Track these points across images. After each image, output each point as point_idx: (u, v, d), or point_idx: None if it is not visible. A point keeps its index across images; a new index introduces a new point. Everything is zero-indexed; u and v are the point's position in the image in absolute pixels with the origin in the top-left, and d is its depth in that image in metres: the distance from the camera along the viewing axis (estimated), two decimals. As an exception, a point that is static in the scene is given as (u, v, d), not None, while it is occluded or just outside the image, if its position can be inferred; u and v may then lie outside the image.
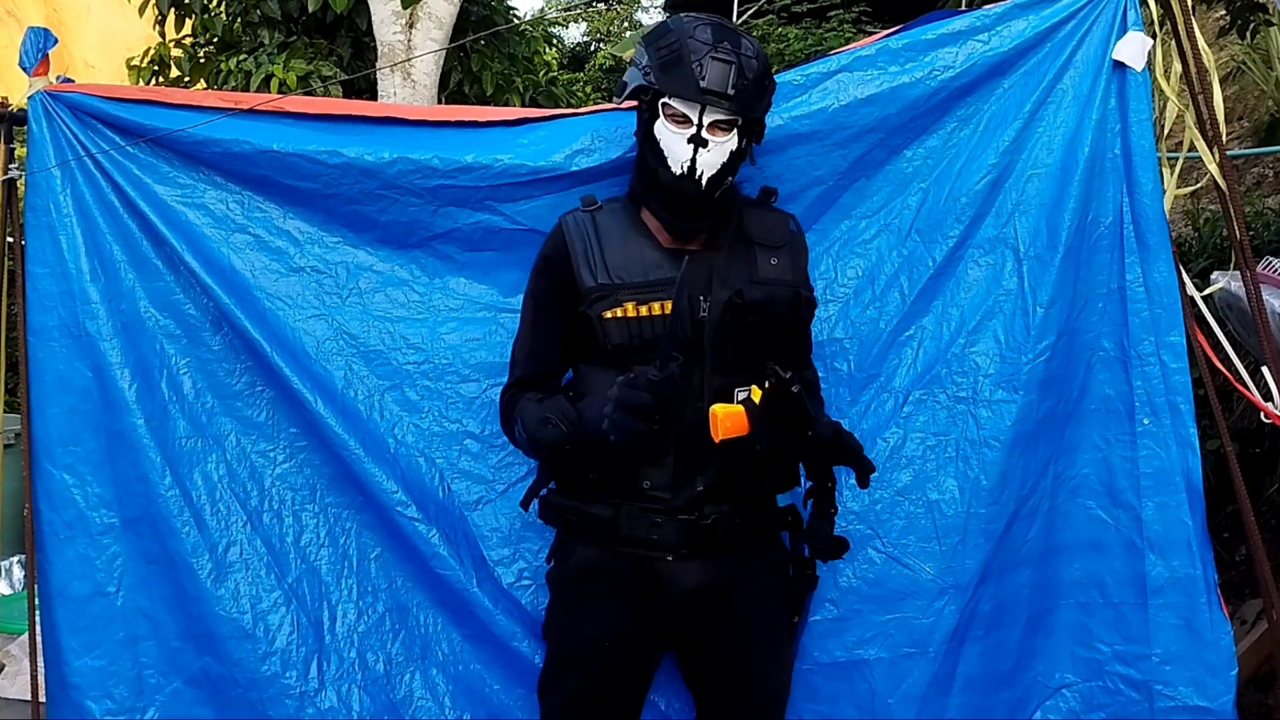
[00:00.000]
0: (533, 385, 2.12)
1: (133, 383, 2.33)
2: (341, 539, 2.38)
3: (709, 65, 1.92)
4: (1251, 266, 2.39)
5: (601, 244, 2.04)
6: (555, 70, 8.31)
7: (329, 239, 2.42)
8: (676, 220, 2.02)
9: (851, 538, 2.25)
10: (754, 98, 1.98)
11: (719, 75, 1.92)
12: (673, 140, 1.98)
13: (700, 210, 2.02)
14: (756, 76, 1.97)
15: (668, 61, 1.96)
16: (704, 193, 1.99)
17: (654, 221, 2.07)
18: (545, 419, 1.99)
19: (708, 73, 1.92)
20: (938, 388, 2.31)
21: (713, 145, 1.97)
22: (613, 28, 15.24)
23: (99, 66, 12.72)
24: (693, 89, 1.93)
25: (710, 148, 1.97)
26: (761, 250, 2.06)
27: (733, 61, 1.93)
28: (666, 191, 2.01)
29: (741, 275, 2.03)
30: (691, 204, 2.01)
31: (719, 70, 1.92)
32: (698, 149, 1.96)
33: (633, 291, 2.00)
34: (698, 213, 2.02)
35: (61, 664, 2.31)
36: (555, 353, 2.13)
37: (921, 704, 2.26)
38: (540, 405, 2.03)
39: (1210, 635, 2.27)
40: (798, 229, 2.14)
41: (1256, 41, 5.75)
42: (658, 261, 2.02)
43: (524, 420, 2.04)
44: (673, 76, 1.95)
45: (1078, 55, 2.33)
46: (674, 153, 1.98)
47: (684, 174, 1.98)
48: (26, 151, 2.38)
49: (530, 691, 2.30)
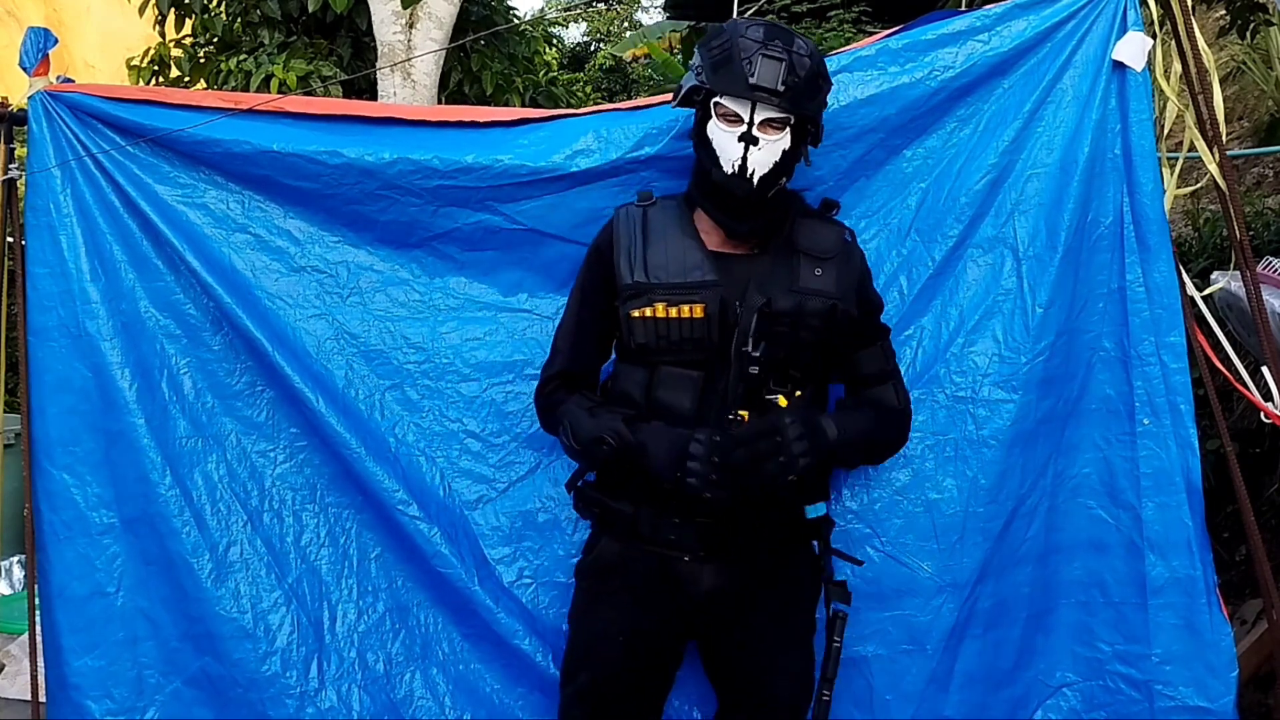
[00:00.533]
0: (572, 379, 2.13)
1: (133, 383, 2.34)
2: (342, 538, 2.39)
3: (759, 62, 1.93)
4: (1251, 266, 2.39)
5: (646, 240, 2.05)
6: (555, 70, 8.32)
7: (329, 239, 2.42)
8: (729, 220, 2.03)
9: (850, 536, 2.27)
10: (805, 95, 1.97)
11: (769, 72, 1.93)
12: (724, 139, 1.98)
13: (753, 210, 2.03)
14: (809, 74, 1.97)
15: (719, 60, 1.97)
16: (756, 191, 1.99)
17: (705, 223, 2.08)
18: (600, 439, 1.97)
19: (758, 69, 1.93)
20: (936, 387, 2.31)
21: (764, 143, 1.97)
22: (613, 28, 15.25)
23: (99, 66, 12.72)
24: (742, 85, 1.94)
25: (761, 146, 1.97)
26: (806, 260, 2.05)
27: (783, 59, 1.94)
28: (719, 190, 2.02)
29: (781, 283, 2.02)
30: (743, 203, 2.01)
31: (769, 67, 1.93)
32: (749, 147, 1.97)
33: (666, 292, 2.00)
34: (750, 212, 2.03)
35: (61, 664, 2.31)
36: (598, 346, 2.14)
37: (920, 701, 2.26)
38: (594, 419, 2.01)
39: (1210, 635, 2.27)
40: (853, 241, 2.13)
41: (1256, 41, 5.75)
42: (698, 263, 2.02)
43: (575, 430, 2.02)
44: (723, 74, 1.96)
45: (1078, 55, 2.33)
46: (725, 151, 1.98)
47: (735, 173, 1.98)
48: (26, 151, 2.38)
49: (531, 690, 2.31)
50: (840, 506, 2.29)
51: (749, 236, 2.05)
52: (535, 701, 2.32)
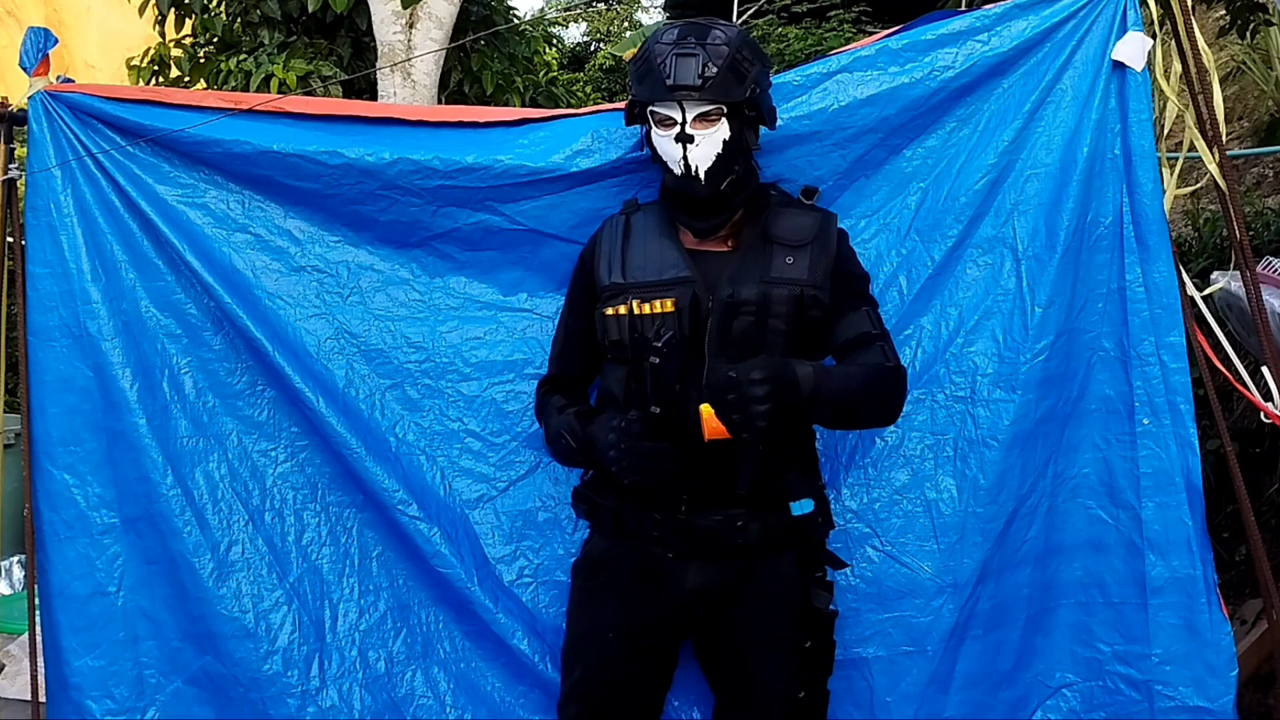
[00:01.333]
0: (561, 383, 2.21)
1: (134, 382, 2.34)
2: (343, 538, 2.39)
3: (673, 63, 1.97)
4: (1251, 266, 2.39)
5: (627, 244, 2.10)
6: (555, 70, 8.31)
7: (330, 238, 2.42)
8: (692, 220, 2.08)
9: (850, 536, 2.27)
10: (727, 83, 1.99)
11: (685, 70, 1.97)
12: (665, 143, 2.03)
13: (711, 207, 2.05)
14: (727, 61, 1.98)
15: (641, 71, 2.02)
16: (706, 187, 2.02)
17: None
18: (558, 435, 2.08)
19: (673, 70, 1.97)
20: (936, 387, 2.31)
21: (700, 139, 2.00)
22: (613, 28, 15.24)
23: (99, 66, 12.73)
24: (662, 89, 1.98)
25: (699, 142, 2.00)
26: (780, 249, 2.06)
27: (696, 54, 1.97)
28: (676, 194, 2.07)
29: (754, 274, 2.04)
30: (700, 202, 2.05)
31: (684, 65, 1.97)
32: (685, 145, 2.00)
33: (640, 290, 2.03)
34: (709, 209, 2.06)
35: (62, 664, 2.32)
36: (581, 353, 2.18)
37: (920, 702, 2.26)
38: (560, 418, 2.11)
39: (1210, 635, 2.27)
40: (830, 226, 2.11)
41: (1256, 41, 5.75)
42: (673, 261, 2.06)
43: (546, 428, 2.16)
44: (646, 83, 2.01)
45: (1077, 55, 2.33)
46: (669, 154, 2.03)
47: (683, 173, 2.02)
48: (26, 151, 2.38)
49: (531, 688, 2.31)
50: (840, 506, 2.29)
51: (712, 232, 2.08)
52: (536, 700, 2.32)
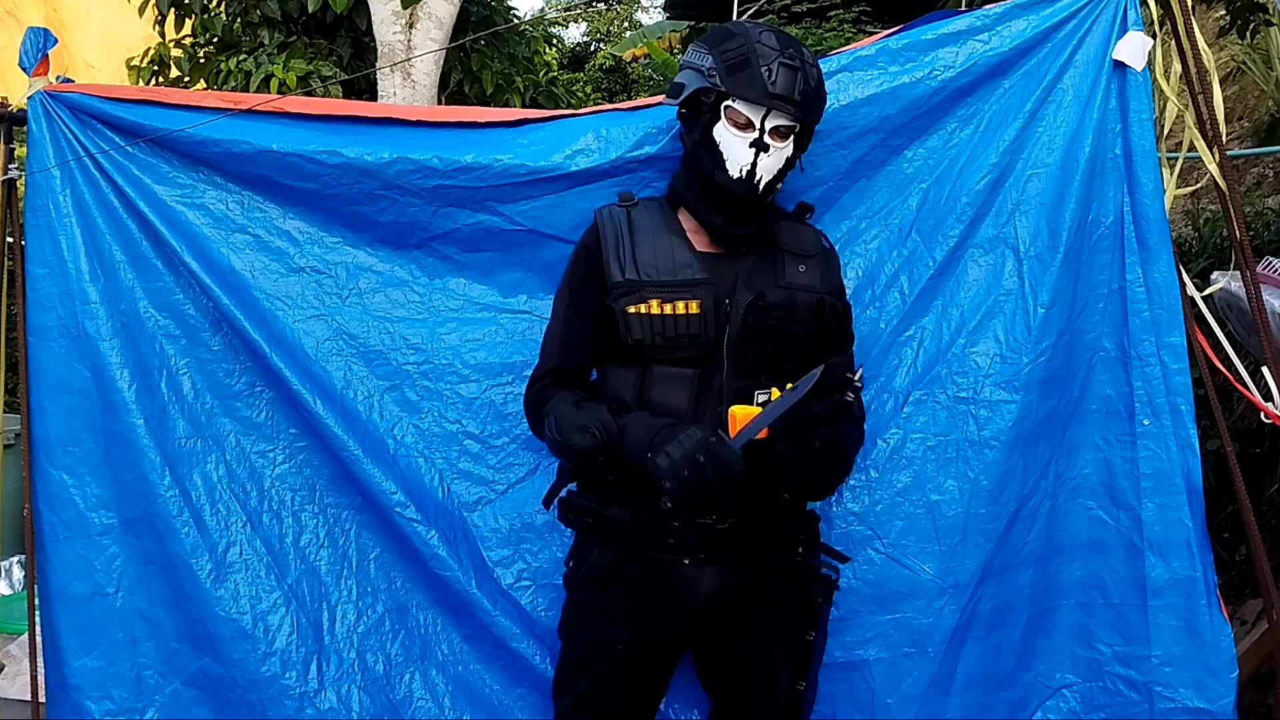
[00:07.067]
0: (563, 376, 2.09)
1: (132, 383, 2.33)
2: (341, 540, 2.39)
3: (778, 70, 1.95)
4: (1251, 266, 2.39)
5: (634, 239, 2.06)
6: (555, 70, 8.31)
7: (329, 239, 2.42)
8: (728, 224, 2.04)
9: (851, 538, 2.27)
10: (815, 105, 2.02)
11: (787, 80, 1.95)
12: (734, 144, 1.99)
13: (752, 214, 2.05)
14: (818, 85, 2.01)
15: (735, 64, 1.97)
16: (759, 197, 2.02)
17: (691, 223, 2.08)
18: (584, 427, 1.93)
19: (777, 77, 1.95)
20: (938, 388, 2.30)
21: (773, 150, 1.99)
22: (613, 28, 15.26)
23: (99, 66, 12.72)
24: (760, 92, 1.95)
25: (771, 153, 1.99)
26: (790, 258, 2.07)
27: (799, 68, 1.96)
28: (721, 193, 2.02)
29: (768, 279, 2.04)
30: (746, 207, 2.03)
31: (787, 75, 1.95)
32: (759, 153, 1.98)
33: (658, 289, 2.00)
34: (750, 216, 2.05)
35: (61, 664, 2.31)
36: (587, 344, 2.10)
37: (921, 704, 2.26)
38: (579, 411, 1.97)
39: (1210, 637, 2.27)
40: (830, 246, 2.16)
41: (1256, 41, 5.75)
42: (687, 262, 2.03)
43: (558, 421, 1.98)
44: (740, 79, 1.96)
45: (1078, 55, 2.33)
46: (734, 156, 1.99)
47: (742, 177, 1.99)
48: (26, 151, 2.38)
49: (530, 691, 2.31)
50: (841, 508, 2.29)
51: (745, 242, 2.05)
52: (534, 703, 2.31)
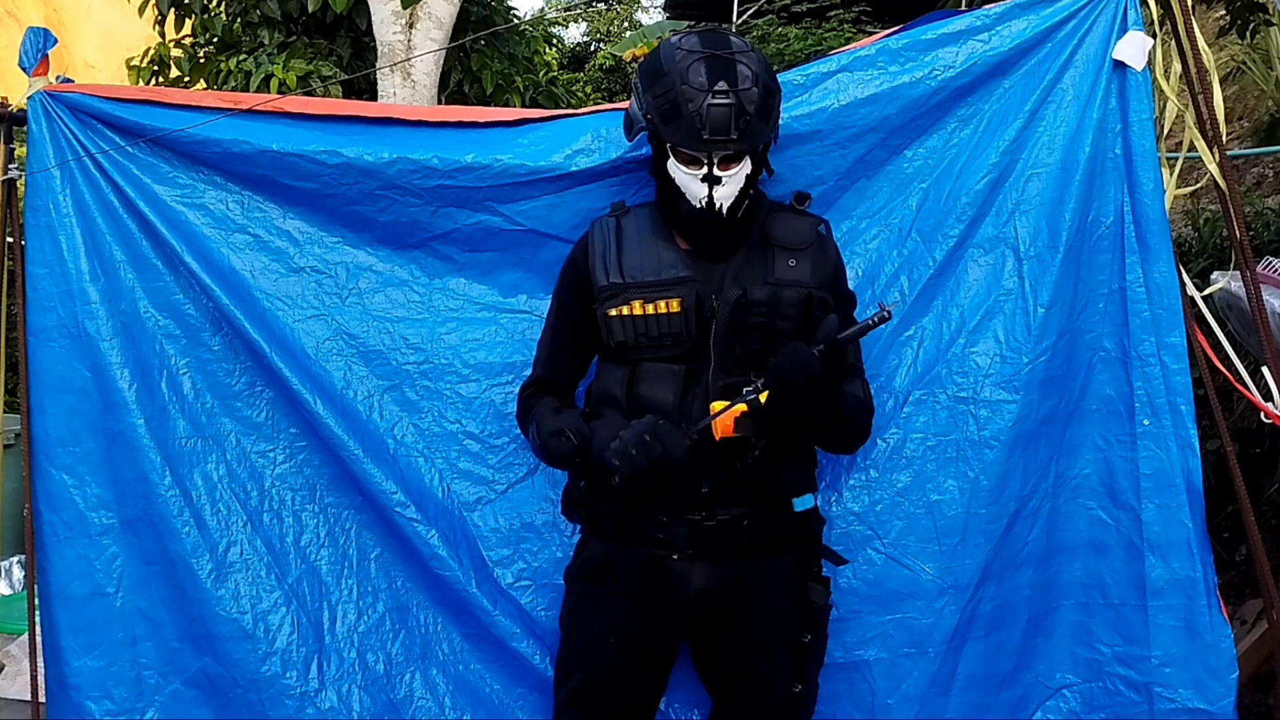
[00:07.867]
0: (549, 387, 2.16)
1: (132, 383, 2.33)
2: (341, 539, 2.39)
3: (708, 112, 1.89)
4: (1251, 266, 2.39)
5: (621, 246, 2.07)
6: (555, 70, 8.31)
7: (329, 239, 2.42)
8: (699, 245, 2.06)
9: (851, 538, 2.27)
10: (759, 128, 1.96)
11: (720, 120, 1.90)
12: (687, 180, 1.99)
13: (723, 232, 2.05)
14: (759, 105, 1.93)
15: (667, 112, 1.94)
16: (725, 221, 2.02)
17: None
18: (559, 432, 2.03)
19: (708, 120, 1.90)
20: (938, 388, 2.30)
21: (726, 179, 1.97)
22: (613, 28, 15.25)
23: (99, 66, 12.71)
24: (696, 140, 1.92)
25: (725, 182, 1.98)
26: (781, 252, 2.06)
27: (731, 102, 1.90)
28: (688, 221, 2.04)
29: (756, 276, 2.04)
30: (714, 230, 2.04)
31: (719, 115, 1.90)
32: (713, 185, 1.97)
33: (641, 290, 2.02)
34: (720, 234, 2.05)
35: (61, 664, 2.31)
36: (571, 356, 2.17)
37: (921, 704, 2.26)
38: (557, 416, 2.07)
39: (1210, 638, 2.27)
40: (827, 233, 2.14)
41: (1256, 41, 5.75)
42: (672, 262, 2.05)
43: (539, 427, 2.08)
44: (675, 128, 1.94)
45: (1078, 55, 2.33)
46: (690, 190, 2.00)
47: (703, 208, 2.00)
48: (26, 151, 2.38)
49: (530, 690, 2.31)
50: (841, 508, 2.29)
51: (725, 257, 2.07)
52: (534, 702, 2.31)
